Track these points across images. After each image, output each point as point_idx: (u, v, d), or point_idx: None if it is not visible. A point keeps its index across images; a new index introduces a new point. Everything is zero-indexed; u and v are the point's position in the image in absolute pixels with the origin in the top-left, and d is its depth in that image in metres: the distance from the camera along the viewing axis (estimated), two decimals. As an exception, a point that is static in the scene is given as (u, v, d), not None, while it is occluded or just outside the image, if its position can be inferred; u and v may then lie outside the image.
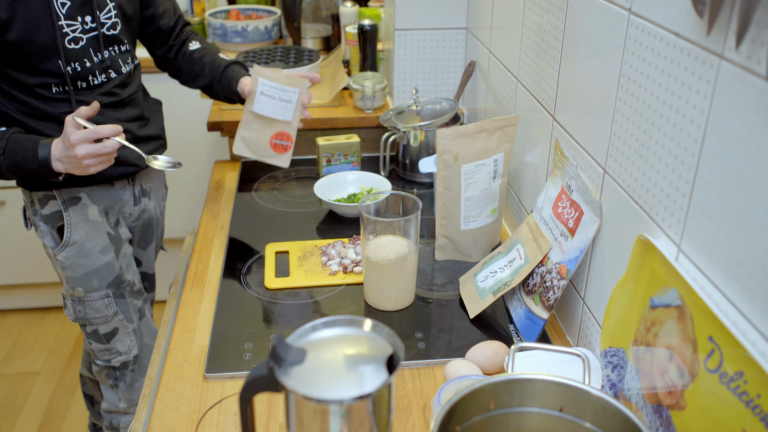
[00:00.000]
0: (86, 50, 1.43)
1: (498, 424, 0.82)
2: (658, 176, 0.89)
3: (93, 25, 1.43)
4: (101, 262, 1.56)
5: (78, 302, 1.59)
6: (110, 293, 1.58)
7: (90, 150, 1.31)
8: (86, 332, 1.63)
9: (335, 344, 0.77)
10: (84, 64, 1.43)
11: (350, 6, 2.39)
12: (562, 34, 1.19)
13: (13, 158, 1.37)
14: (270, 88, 1.56)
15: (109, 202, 1.58)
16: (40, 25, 1.36)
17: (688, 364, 0.79)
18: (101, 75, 1.47)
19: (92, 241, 1.54)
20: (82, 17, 1.41)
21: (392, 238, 1.26)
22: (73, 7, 1.40)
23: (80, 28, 1.41)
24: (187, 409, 1.08)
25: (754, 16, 0.66)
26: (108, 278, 1.57)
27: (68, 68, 1.41)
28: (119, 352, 1.63)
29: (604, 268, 1.07)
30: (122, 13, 1.50)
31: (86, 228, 1.54)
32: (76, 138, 1.30)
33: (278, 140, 1.60)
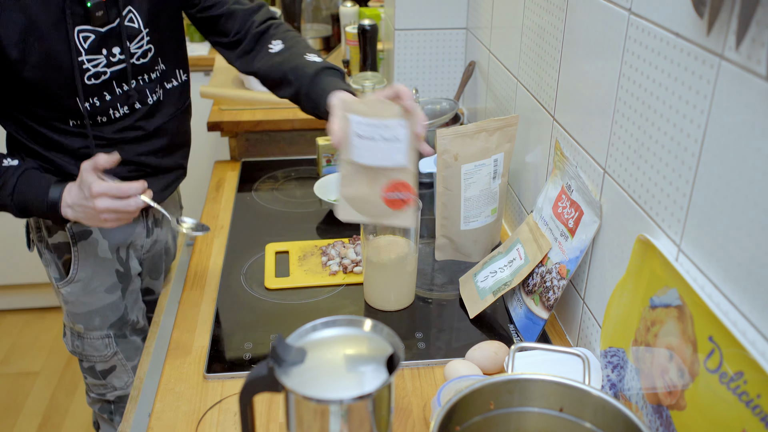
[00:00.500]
0: (108, 84, 1.27)
1: (498, 424, 0.82)
2: (658, 176, 0.89)
3: (121, 57, 1.26)
4: (106, 301, 1.45)
5: (77, 337, 1.49)
6: (111, 333, 1.48)
7: (111, 205, 1.17)
8: (82, 366, 1.54)
9: (335, 344, 0.77)
10: (104, 98, 1.28)
11: (350, 6, 2.39)
12: (562, 34, 1.19)
13: (23, 198, 1.23)
14: (366, 126, 1.08)
15: (121, 238, 1.45)
16: (58, 63, 1.20)
17: (688, 364, 0.79)
18: (123, 107, 1.31)
19: (99, 279, 1.43)
20: (108, 50, 1.24)
21: (392, 238, 1.26)
22: (98, 40, 1.23)
23: (104, 62, 1.25)
24: (187, 409, 1.08)
25: (754, 16, 0.66)
26: (111, 318, 1.47)
27: (86, 104, 1.26)
28: (115, 387, 1.55)
29: (604, 268, 1.07)
30: (157, 36, 1.32)
31: (94, 265, 1.42)
32: (99, 190, 1.16)
33: (393, 193, 1.12)
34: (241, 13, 1.38)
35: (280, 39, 1.35)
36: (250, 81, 2.12)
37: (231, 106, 2.04)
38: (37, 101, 1.25)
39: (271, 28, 1.37)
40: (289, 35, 1.36)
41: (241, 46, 1.37)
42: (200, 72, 2.66)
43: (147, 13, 1.29)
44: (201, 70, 2.65)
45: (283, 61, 1.31)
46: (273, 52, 1.34)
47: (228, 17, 1.37)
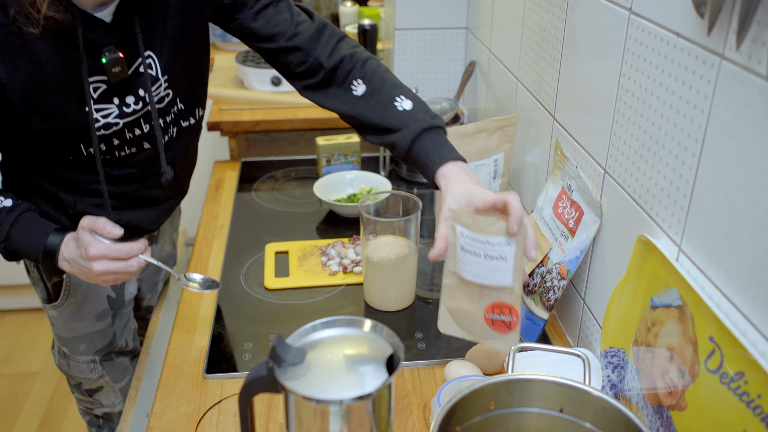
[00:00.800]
0: (120, 131, 1.15)
1: (498, 425, 0.81)
2: (659, 176, 0.89)
3: (137, 107, 1.14)
4: (94, 328, 1.38)
5: (62, 356, 1.43)
6: (97, 359, 1.42)
7: (110, 267, 1.08)
8: (69, 383, 1.49)
9: (335, 344, 0.77)
10: (112, 143, 1.16)
11: (350, 6, 2.39)
12: (562, 34, 1.19)
13: (16, 245, 1.13)
14: (471, 241, 0.99)
15: None
16: (67, 115, 1.09)
17: (688, 365, 0.79)
18: (131, 148, 1.18)
19: (89, 305, 1.36)
20: (121, 99, 1.12)
21: (392, 238, 1.25)
22: (109, 90, 1.11)
23: (116, 112, 1.12)
24: (186, 409, 1.08)
25: (754, 15, 0.66)
26: (98, 345, 1.40)
27: (90, 149, 1.15)
28: (102, 404, 1.50)
29: (605, 269, 1.07)
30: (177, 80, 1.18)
31: (85, 291, 1.34)
32: (96, 253, 1.07)
33: (496, 314, 1.03)
34: (306, 43, 1.20)
35: (361, 78, 1.18)
36: (250, 81, 2.12)
37: (231, 105, 2.04)
38: (40, 148, 1.16)
39: (345, 61, 1.19)
40: (370, 71, 1.19)
41: (310, 80, 1.22)
42: (200, 72, 2.65)
43: (168, 57, 1.16)
44: (201, 70, 2.65)
45: (371, 109, 1.16)
46: (357, 95, 1.18)
47: (291, 51, 1.20)
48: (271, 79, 2.10)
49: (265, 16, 1.19)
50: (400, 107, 1.14)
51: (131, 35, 1.09)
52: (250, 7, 1.18)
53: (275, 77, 2.09)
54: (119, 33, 1.08)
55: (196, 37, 1.20)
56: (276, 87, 2.10)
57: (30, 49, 1.02)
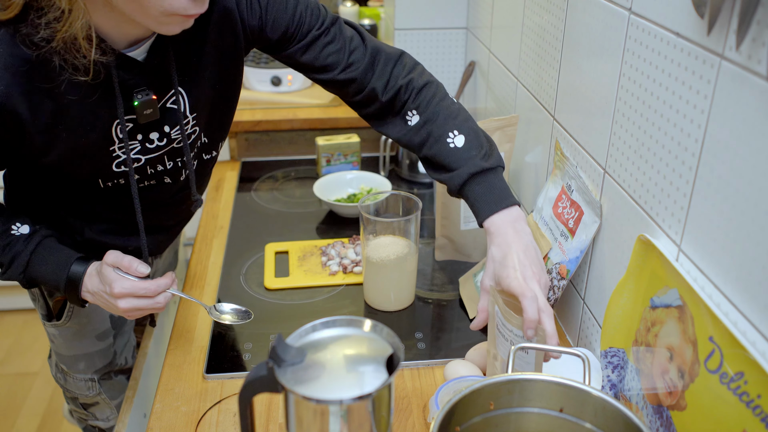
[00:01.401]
0: (142, 167, 1.10)
1: (498, 425, 0.81)
2: (659, 176, 0.89)
3: (160, 143, 1.08)
4: (95, 348, 1.35)
5: (60, 371, 1.40)
6: (95, 378, 1.39)
7: (137, 305, 1.05)
8: (65, 394, 1.45)
9: (335, 344, 0.77)
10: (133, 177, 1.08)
11: (350, 6, 2.39)
12: (562, 34, 1.19)
13: (36, 274, 1.08)
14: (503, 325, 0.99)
15: None
16: (88, 152, 1.03)
17: (688, 365, 0.79)
18: (151, 181, 1.13)
19: (91, 326, 1.32)
20: (145, 136, 1.06)
21: (392, 238, 1.25)
22: (134, 128, 1.04)
23: (138, 148, 1.07)
24: (186, 409, 1.08)
25: (754, 15, 0.66)
26: (98, 365, 1.38)
27: (109, 183, 1.09)
28: (96, 418, 1.47)
29: (605, 269, 1.07)
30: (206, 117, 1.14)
31: (89, 312, 1.31)
32: (122, 291, 1.03)
33: None
34: (360, 74, 1.15)
35: (415, 109, 1.15)
36: (250, 81, 2.12)
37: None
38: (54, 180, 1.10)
39: (401, 92, 1.16)
40: (424, 101, 1.15)
41: (368, 109, 1.19)
42: (200, 72, 2.65)
43: (198, 94, 1.10)
44: (201, 70, 2.65)
45: (423, 143, 1.14)
46: (411, 125, 1.16)
47: (346, 84, 1.16)
48: (271, 79, 2.10)
49: (315, 48, 1.13)
50: (452, 144, 1.11)
51: (165, 74, 1.03)
52: (299, 40, 1.13)
53: (275, 77, 2.09)
54: (152, 73, 1.02)
55: (230, 74, 1.14)
56: (276, 87, 2.10)
57: (56, 91, 0.95)
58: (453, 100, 1.17)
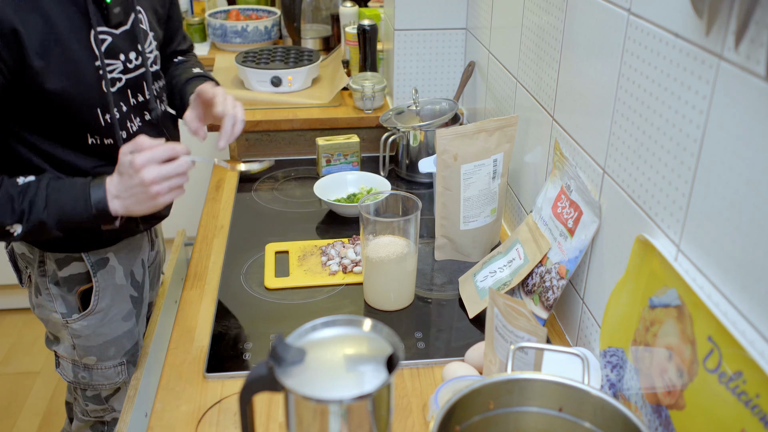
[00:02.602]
0: (124, 93, 1.21)
1: (497, 424, 0.82)
2: (658, 176, 0.89)
3: (137, 62, 1.22)
4: (122, 330, 1.39)
5: (83, 368, 1.41)
6: (125, 361, 1.42)
7: (161, 172, 1.08)
8: (85, 395, 1.46)
9: (335, 344, 0.77)
10: (121, 109, 1.21)
11: (350, 6, 2.39)
12: (561, 35, 1.19)
13: (59, 206, 1.11)
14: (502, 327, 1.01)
15: (133, 258, 1.40)
16: (80, 69, 1.14)
17: (687, 364, 0.79)
18: (136, 119, 1.25)
19: (116, 308, 1.37)
20: (125, 54, 1.20)
21: (392, 238, 1.26)
22: (113, 43, 1.17)
23: (120, 68, 1.19)
24: (186, 408, 1.08)
25: (753, 16, 0.66)
26: (127, 346, 1.41)
27: (107, 116, 1.19)
28: (114, 409, 1.49)
29: (604, 268, 1.07)
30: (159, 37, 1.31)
31: (113, 293, 1.36)
32: (142, 160, 1.07)
33: None
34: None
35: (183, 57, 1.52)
36: (250, 81, 2.12)
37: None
38: (58, 115, 1.16)
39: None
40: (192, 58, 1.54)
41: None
42: (200, 72, 2.65)
43: (151, 15, 1.29)
44: (201, 70, 2.65)
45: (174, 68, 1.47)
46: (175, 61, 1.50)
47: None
48: (271, 80, 2.10)
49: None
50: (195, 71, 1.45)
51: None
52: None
53: (275, 77, 2.09)
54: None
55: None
56: (276, 87, 2.10)
57: (39, 5, 1.07)
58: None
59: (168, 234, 2.81)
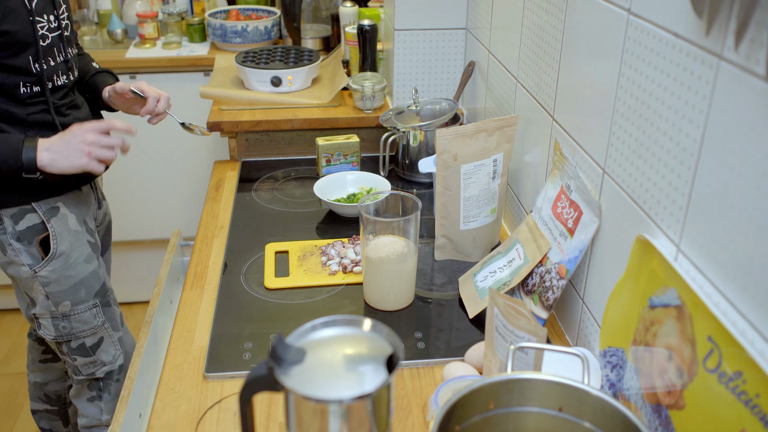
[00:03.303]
0: (52, 48, 1.44)
1: (497, 424, 0.82)
2: (657, 176, 0.89)
3: (55, 24, 1.44)
4: (87, 271, 1.54)
5: (62, 318, 1.54)
6: (98, 302, 1.57)
7: (100, 139, 1.36)
8: (70, 347, 1.58)
9: (335, 344, 0.77)
10: (49, 63, 1.43)
11: (350, 6, 2.39)
12: (561, 35, 1.19)
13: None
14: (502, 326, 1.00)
15: (83, 209, 1.57)
16: (18, 18, 1.35)
17: (687, 364, 0.79)
18: (63, 75, 1.48)
19: (76, 251, 1.52)
20: (47, 15, 1.42)
21: (392, 238, 1.26)
22: (40, 4, 1.40)
23: (47, 26, 1.42)
24: (186, 408, 1.08)
25: (753, 16, 0.66)
26: (95, 287, 1.56)
27: (37, 65, 1.40)
28: (104, 363, 1.61)
29: (604, 268, 1.07)
30: (70, 15, 1.52)
31: (70, 238, 1.51)
32: (90, 126, 1.37)
33: None
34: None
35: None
36: (250, 81, 2.12)
37: (231, 106, 2.04)
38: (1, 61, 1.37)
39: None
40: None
41: None
42: (200, 72, 2.65)
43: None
44: (200, 71, 2.65)
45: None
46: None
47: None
48: (271, 80, 2.10)
49: None
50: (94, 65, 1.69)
51: None
52: None
53: (275, 77, 2.09)
54: None
55: None
56: (276, 87, 2.10)
57: None
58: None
59: (164, 234, 2.82)
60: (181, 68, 2.64)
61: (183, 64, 2.64)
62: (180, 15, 2.80)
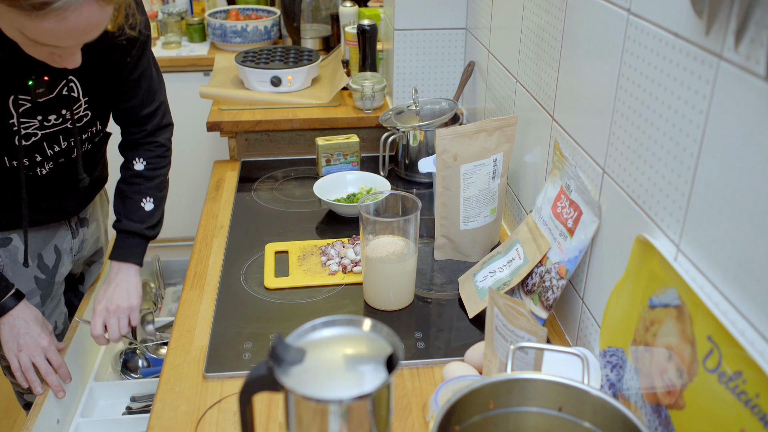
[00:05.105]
0: (39, 145, 1.30)
1: (497, 424, 0.82)
2: (657, 176, 0.89)
3: (57, 121, 1.30)
4: None
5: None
6: None
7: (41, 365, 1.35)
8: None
9: (335, 344, 0.77)
10: (34, 159, 1.32)
11: (350, 6, 2.39)
12: (561, 35, 1.19)
13: None
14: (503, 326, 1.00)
15: (44, 243, 1.48)
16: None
17: (686, 364, 0.79)
18: (49, 164, 1.35)
19: (18, 286, 1.42)
20: (43, 116, 1.27)
21: (392, 238, 1.26)
22: (33, 108, 1.25)
23: (36, 125, 1.27)
24: (186, 408, 1.08)
25: (752, 16, 0.66)
26: None
27: (13, 162, 1.29)
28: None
29: (603, 268, 1.07)
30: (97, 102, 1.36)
31: (14, 271, 1.43)
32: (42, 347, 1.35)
33: None
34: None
35: (144, 160, 1.50)
36: (250, 81, 2.12)
37: (231, 105, 2.04)
38: None
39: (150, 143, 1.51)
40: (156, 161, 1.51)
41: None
42: (200, 72, 2.66)
43: (89, 81, 1.31)
44: (200, 70, 2.65)
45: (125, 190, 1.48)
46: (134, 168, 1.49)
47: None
48: (271, 79, 2.10)
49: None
50: (143, 204, 1.49)
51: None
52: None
53: (275, 77, 2.09)
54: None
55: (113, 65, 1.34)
56: (276, 87, 2.10)
57: None
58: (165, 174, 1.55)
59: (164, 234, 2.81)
60: (180, 68, 2.64)
61: (183, 64, 2.64)
62: (180, 15, 2.80)
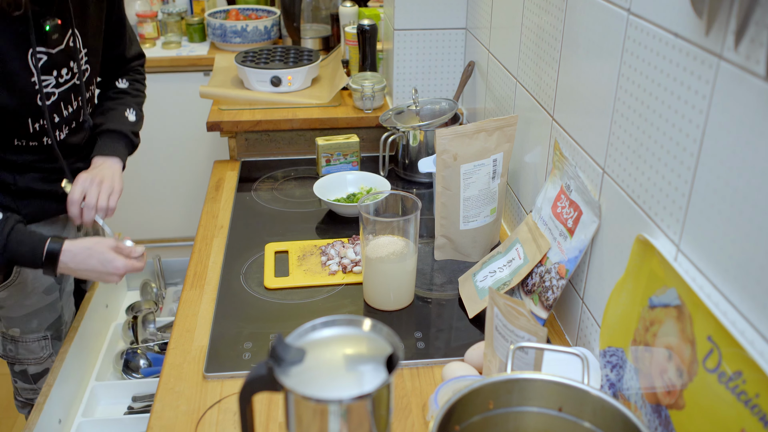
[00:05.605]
0: (57, 105, 1.35)
1: (497, 424, 0.82)
2: (657, 176, 0.89)
3: (68, 77, 1.35)
4: (44, 302, 1.48)
5: (10, 341, 1.49)
6: (48, 335, 1.51)
7: (129, 266, 1.32)
8: (13, 370, 1.54)
9: (334, 344, 0.77)
10: (53, 120, 1.36)
11: (350, 6, 2.39)
12: (561, 35, 1.19)
13: (14, 254, 1.26)
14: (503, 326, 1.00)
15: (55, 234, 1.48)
16: (19, 85, 1.27)
17: (686, 364, 0.79)
18: (65, 127, 1.40)
19: (38, 280, 1.46)
20: (58, 71, 1.33)
21: (391, 238, 1.26)
22: (49, 62, 1.30)
23: (53, 83, 1.33)
24: (186, 408, 1.08)
25: (752, 16, 0.66)
26: (49, 320, 1.50)
27: (36, 125, 1.33)
28: None
29: (603, 268, 1.07)
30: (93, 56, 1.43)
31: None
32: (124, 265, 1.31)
33: None
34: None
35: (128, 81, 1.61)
36: (250, 81, 2.12)
37: (231, 105, 2.04)
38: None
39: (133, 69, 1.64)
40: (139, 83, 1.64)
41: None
42: (199, 72, 2.66)
43: (85, 31, 1.39)
44: (200, 70, 2.65)
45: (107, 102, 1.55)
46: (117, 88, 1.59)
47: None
48: (271, 79, 2.10)
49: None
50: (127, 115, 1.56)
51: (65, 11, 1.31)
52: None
53: (275, 77, 2.09)
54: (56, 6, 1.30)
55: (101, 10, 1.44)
56: (276, 87, 2.10)
57: None
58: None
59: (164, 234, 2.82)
60: (180, 68, 2.64)
61: (183, 64, 2.64)
62: (180, 15, 2.80)
